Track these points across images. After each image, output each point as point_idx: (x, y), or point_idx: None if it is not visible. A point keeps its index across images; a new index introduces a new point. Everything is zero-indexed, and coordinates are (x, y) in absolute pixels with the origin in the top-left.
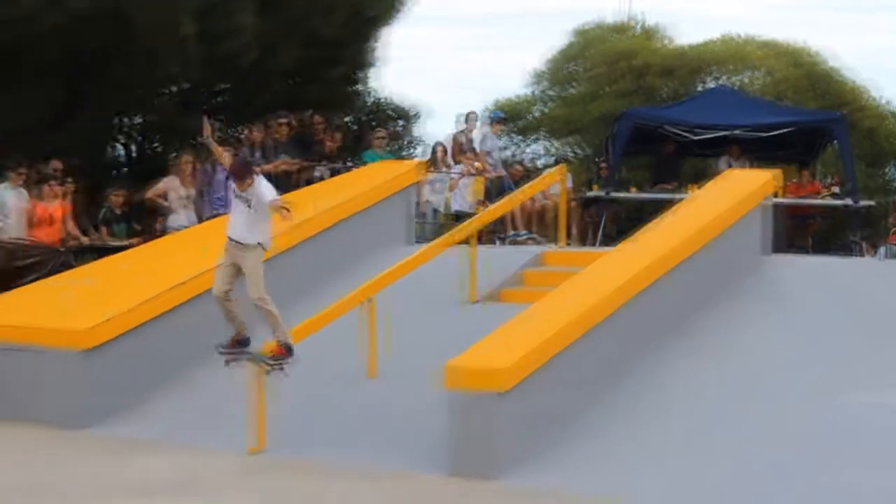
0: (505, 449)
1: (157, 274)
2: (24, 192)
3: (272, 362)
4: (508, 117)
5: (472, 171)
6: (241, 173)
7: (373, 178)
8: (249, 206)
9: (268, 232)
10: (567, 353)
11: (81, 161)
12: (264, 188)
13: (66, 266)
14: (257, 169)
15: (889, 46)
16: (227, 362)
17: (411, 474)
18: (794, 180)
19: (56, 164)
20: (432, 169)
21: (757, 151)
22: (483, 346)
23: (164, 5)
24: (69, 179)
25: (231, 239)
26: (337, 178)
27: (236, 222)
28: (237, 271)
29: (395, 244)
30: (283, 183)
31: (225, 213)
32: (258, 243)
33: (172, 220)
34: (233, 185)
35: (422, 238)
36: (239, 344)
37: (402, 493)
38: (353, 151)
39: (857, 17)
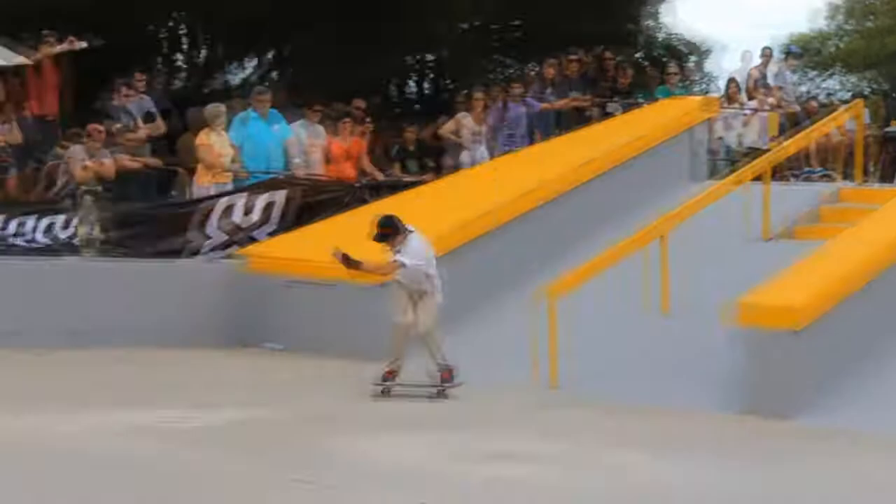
0: (800, 387)
1: (449, 210)
2: (320, 129)
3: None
4: (803, 52)
5: (766, 107)
6: (384, 235)
7: (662, 114)
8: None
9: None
10: (864, 291)
11: (378, 99)
12: (409, 247)
13: (361, 201)
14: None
15: None
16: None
17: (705, 412)
18: None
19: (359, 102)
20: (725, 105)
21: None
22: (778, 282)
23: None
24: (367, 119)
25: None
26: (627, 115)
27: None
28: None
29: (684, 182)
30: (575, 119)
31: (517, 150)
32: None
33: (465, 157)
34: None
35: (714, 175)
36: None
37: (698, 431)
38: (644, 88)
39: None
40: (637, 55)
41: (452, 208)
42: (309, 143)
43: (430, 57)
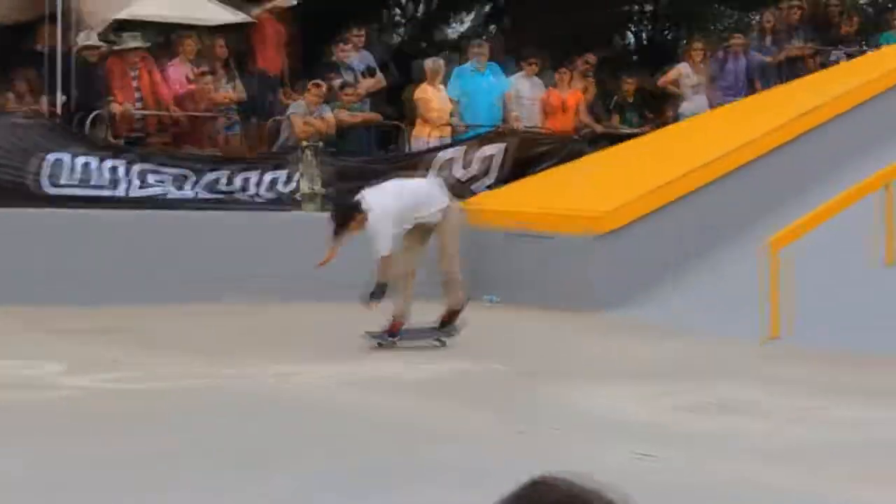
0: None
1: (668, 160)
2: (538, 81)
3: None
4: None
5: None
6: (340, 226)
7: (886, 62)
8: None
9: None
10: None
11: (600, 51)
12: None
13: (579, 153)
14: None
15: None
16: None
17: None
18: None
19: (590, 56)
20: None
21: None
22: None
23: None
24: (589, 74)
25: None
26: (850, 63)
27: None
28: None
29: None
30: (796, 69)
31: (735, 100)
32: None
33: (684, 108)
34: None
35: None
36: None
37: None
38: (870, 34)
39: None
40: (862, 0)
41: (671, 160)
42: (527, 96)
43: (648, 7)
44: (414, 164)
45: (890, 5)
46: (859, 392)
